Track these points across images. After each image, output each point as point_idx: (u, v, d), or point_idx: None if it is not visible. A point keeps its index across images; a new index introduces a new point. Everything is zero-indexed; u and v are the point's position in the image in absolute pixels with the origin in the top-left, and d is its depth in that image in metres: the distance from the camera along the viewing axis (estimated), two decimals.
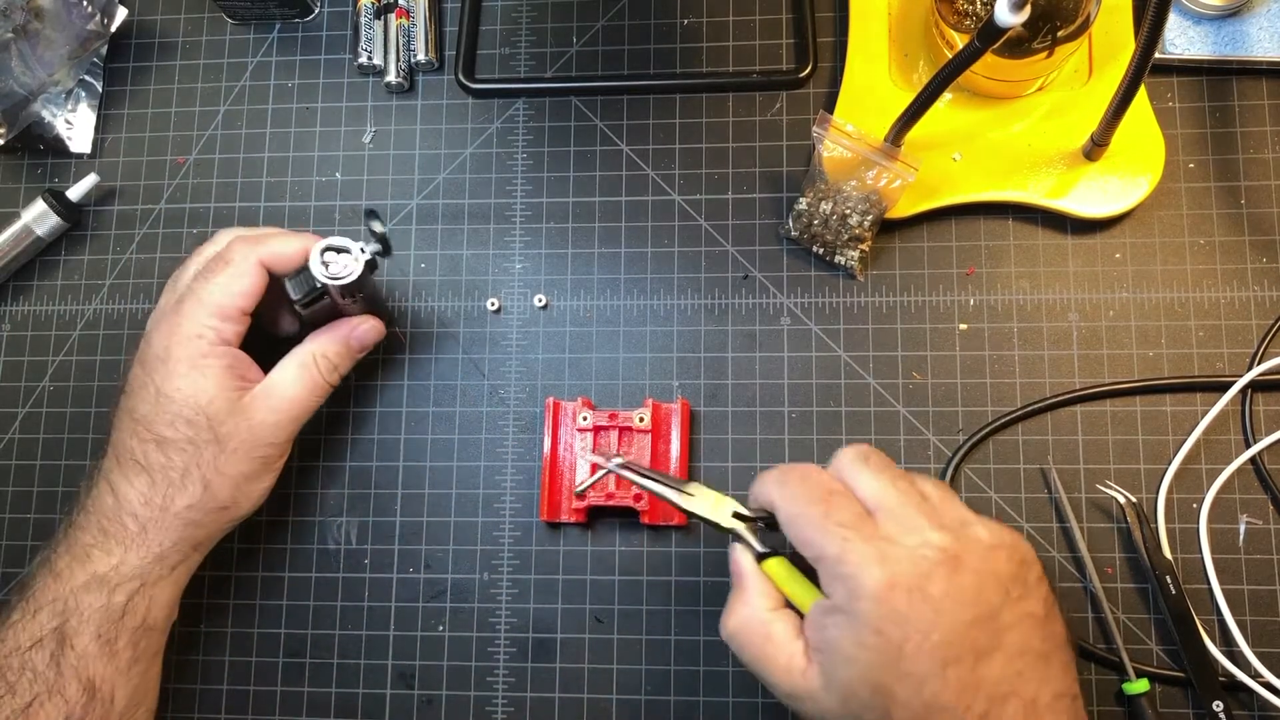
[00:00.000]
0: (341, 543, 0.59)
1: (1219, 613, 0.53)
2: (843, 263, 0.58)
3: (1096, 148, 0.55)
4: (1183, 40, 0.58)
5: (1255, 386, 0.55)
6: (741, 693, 0.55)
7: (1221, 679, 0.52)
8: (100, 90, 0.66)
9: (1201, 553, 0.53)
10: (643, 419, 0.56)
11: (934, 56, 0.59)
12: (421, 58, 0.64)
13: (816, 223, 0.57)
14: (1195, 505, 0.54)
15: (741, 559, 0.45)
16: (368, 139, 0.64)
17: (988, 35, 0.45)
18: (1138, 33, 0.53)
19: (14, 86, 0.62)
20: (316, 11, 0.67)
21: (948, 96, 0.57)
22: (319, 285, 0.51)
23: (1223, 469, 0.54)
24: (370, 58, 0.64)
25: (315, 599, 0.58)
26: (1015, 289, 0.58)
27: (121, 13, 0.64)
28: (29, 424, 0.62)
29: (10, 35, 0.61)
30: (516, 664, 0.57)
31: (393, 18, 0.64)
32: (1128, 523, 0.54)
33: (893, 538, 0.40)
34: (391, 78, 0.64)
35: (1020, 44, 0.52)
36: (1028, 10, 0.43)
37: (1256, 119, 0.58)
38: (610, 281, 0.61)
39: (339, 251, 0.51)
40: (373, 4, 0.64)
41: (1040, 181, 0.57)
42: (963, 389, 0.57)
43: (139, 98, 0.66)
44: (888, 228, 0.58)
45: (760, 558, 0.45)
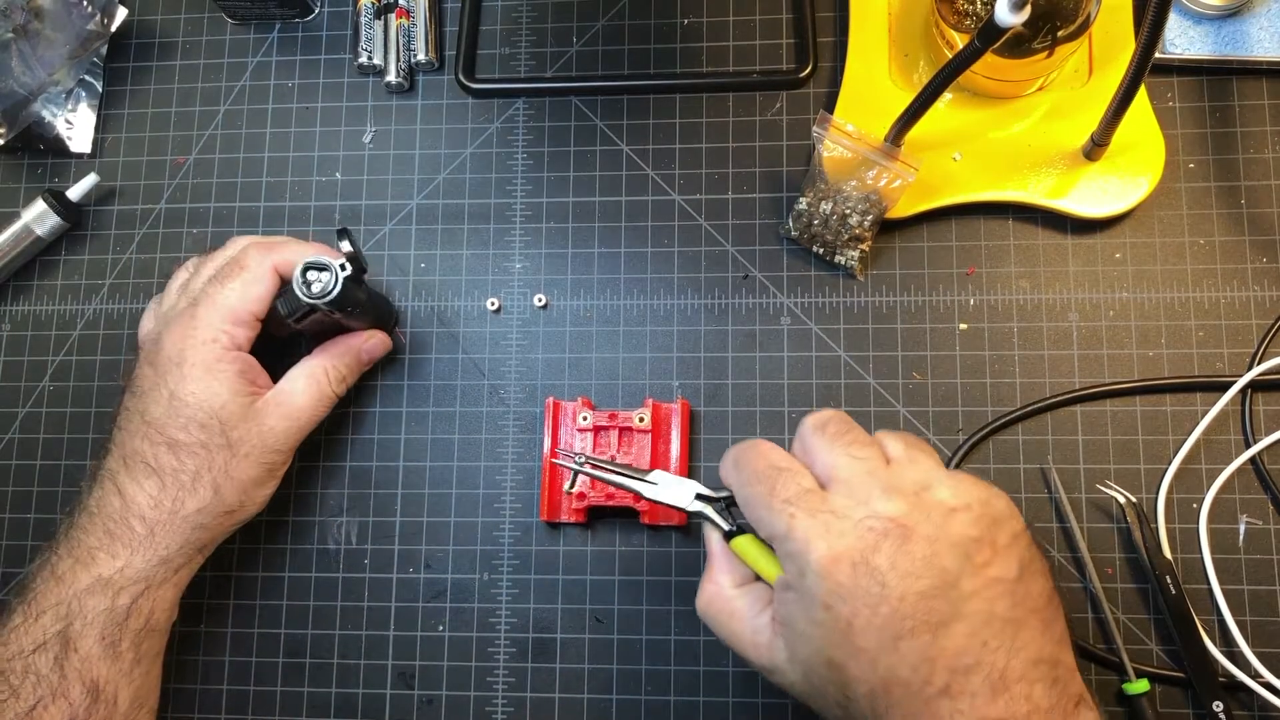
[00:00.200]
0: (341, 543, 0.59)
1: (1219, 613, 0.53)
2: (843, 263, 0.58)
3: (1096, 148, 0.55)
4: (1183, 40, 0.58)
5: (1255, 386, 0.55)
6: (741, 693, 0.55)
7: (1221, 679, 0.52)
8: (100, 90, 0.66)
9: (1201, 553, 0.53)
10: (643, 419, 0.56)
11: (934, 56, 0.59)
12: (421, 58, 0.64)
13: (816, 223, 0.57)
14: (1195, 505, 0.54)
15: (709, 538, 0.46)
16: (368, 139, 0.64)
17: (988, 35, 0.45)
18: (1138, 33, 0.53)
19: (14, 86, 0.62)
20: (316, 11, 0.67)
21: (948, 96, 0.57)
22: (304, 303, 0.52)
23: (1223, 469, 0.54)
24: (370, 58, 0.64)
25: (315, 599, 0.58)
26: (1015, 289, 0.58)
27: (121, 13, 0.64)
28: (29, 424, 0.62)
29: (10, 35, 0.61)
30: (516, 664, 0.57)
31: (393, 18, 0.64)
32: (1128, 523, 0.54)
33: (838, 511, 0.39)
34: (391, 78, 0.64)
35: (1020, 44, 0.52)
36: (1028, 10, 0.43)
37: (1256, 119, 0.58)
38: (610, 281, 0.61)
39: (320, 270, 0.52)
40: (373, 4, 0.64)
41: (1040, 181, 0.57)
42: (963, 389, 0.57)
43: (139, 98, 0.66)
44: (888, 228, 0.58)
45: (729, 536, 0.45)
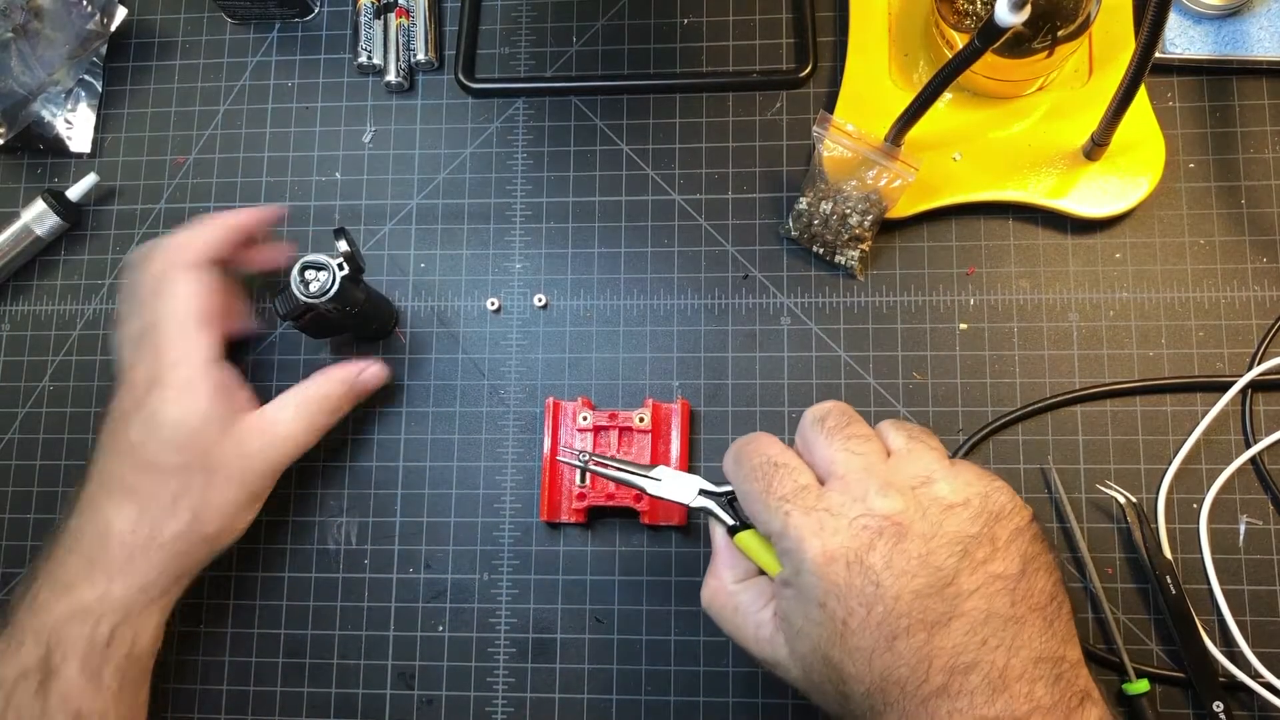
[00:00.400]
0: (341, 543, 0.59)
1: (1219, 613, 0.53)
2: (843, 263, 0.58)
3: (1096, 148, 0.55)
4: (1183, 40, 0.58)
5: (1255, 386, 0.55)
6: (742, 693, 0.55)
7: (1221, 679, 0.52)
8: (100, 90, 0.66)
9: (1201, 553, 0.53)
10: (643, 419, 0.56)
11: (934, 56, 0.59)
12: (421, 57, 0.64)
13: (816, 223, 0.57)
14: (1195, 505, 0.54)
15: (714, 533, 0.46)
16: (368, 139, 0.64)
17: (988, 35, 0.45)
18: (1138, 33, 0.53)
19: (14, 86, 0.62)
20: (316, 11, 0.67)
21: (948, 96, 0.57)
22: (302, 303, 0.51)
23: (1223, 469, 0.54)
24: (370, 57, 0.64)
25: (315, 599, 0.58)
26: (1015, 289, 0.58)
27: (121, 12, 0.64)
28: (29, 424, 0.62)
29: (10, 35, 0.61)
30: (516, 664, 0.57)
31: (393, 17, 0.64)
32: (1128, 523, 0.54)
33: (833, 508, 0.38)
34: (391, 77, 0.64)
35: (1020, 44, 0.52)
36: (1028, 10, 0.43)
37: (1256, 119, 0.58)
38: (610, 281, 0.61)
39: (318, 269, 0.51)
40: (373, 4, 0.64)
41: (1040, 181, 0.57)
42: (963, 389, 0.57)
43: (139, 97, 0.66)
44: (888, 228, 0.58)
45: (733, 530, 0.45)
